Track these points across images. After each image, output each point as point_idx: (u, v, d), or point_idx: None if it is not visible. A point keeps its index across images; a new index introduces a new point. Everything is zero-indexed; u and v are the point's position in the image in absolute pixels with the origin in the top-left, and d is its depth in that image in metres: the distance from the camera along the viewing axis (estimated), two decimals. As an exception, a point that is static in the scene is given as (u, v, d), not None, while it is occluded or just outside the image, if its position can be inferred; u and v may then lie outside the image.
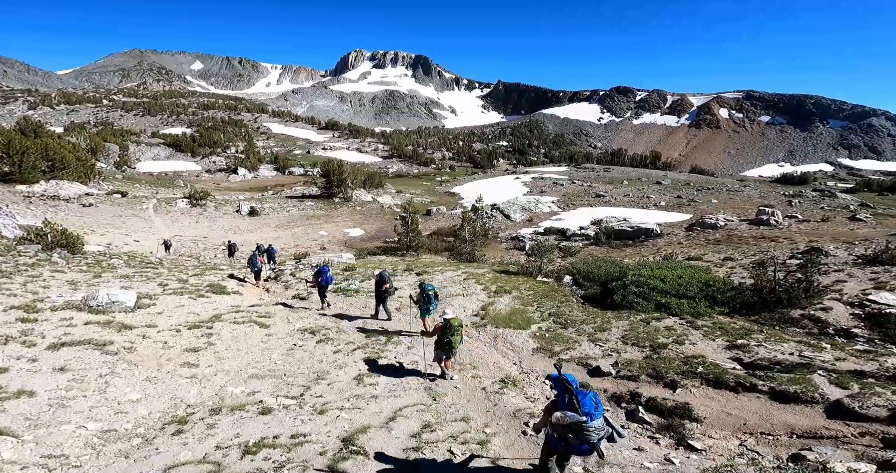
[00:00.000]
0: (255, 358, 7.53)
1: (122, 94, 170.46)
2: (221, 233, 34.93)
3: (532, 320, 10.60)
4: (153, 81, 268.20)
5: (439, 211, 44.52)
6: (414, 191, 64.98)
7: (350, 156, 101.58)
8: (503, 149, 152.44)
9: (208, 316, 9.64)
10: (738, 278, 13.61)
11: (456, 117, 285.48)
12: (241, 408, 5.55)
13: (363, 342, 8.90)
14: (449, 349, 7.20)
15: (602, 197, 46.13)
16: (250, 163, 79.79)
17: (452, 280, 14.28)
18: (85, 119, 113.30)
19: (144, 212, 38.84)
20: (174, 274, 14.51)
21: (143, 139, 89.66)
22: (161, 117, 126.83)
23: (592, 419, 3.77)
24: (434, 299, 9.38)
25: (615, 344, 9.01)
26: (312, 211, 45.30)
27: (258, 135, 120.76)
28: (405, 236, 26.19)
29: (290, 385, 6.60)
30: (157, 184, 59.40)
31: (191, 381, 6.27)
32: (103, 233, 28.93)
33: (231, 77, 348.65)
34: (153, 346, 7.27)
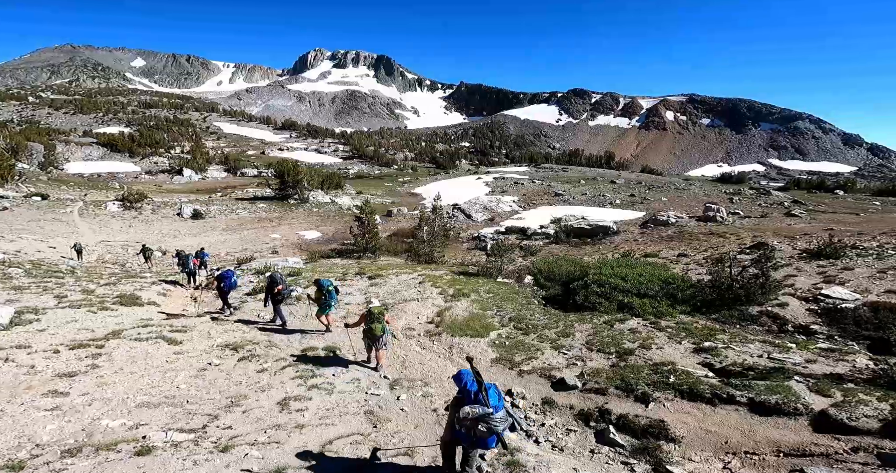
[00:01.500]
0: (151, 383, 6.18)
1: (50, 91, 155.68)
2: (158, 237, 32.01)
3: (491, 326, 9.76)
4: (87, 78, 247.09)
5: (400, 211, 43.43)
6: (375, 191, 63.35)
7: (308, 156, 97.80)
8: (466, 149, 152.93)
9: (104, 332, 8.09)
10: (694, 275, 13.49)
11: (419, 118, 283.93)
12: (112, 448, 4.26)
13: (297, 358, 7.66)
14: (371, 337, 7.36)
15: (561, 196, 46.70)
16: (197, 163, 74.69)
17: (407, 283, 13.22)
18: (7, 117, 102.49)
19: (68, 215, 35.07)
20: (80, 284, 12.57)
21: (74, 138, 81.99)
22: (95, 116, 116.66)
23: (497, 410, 3.94)
24: (334, 294, 9.15)
25: (580, 351, 8.32)
26: (265, 213, 42.79)
27: (207, 135, 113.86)
28: (361, 238, 24.83)
29: (191, 414, 5.35)
30: (87, 185, 54.31)
31: (51, 415, 4.89)
32: (13, 239, 25.62)
33: (178, 75, 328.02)
34: (13, 372, 5.80)
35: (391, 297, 11.82)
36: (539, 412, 6.46)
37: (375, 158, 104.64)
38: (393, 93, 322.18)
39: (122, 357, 6.96)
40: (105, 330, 8.20)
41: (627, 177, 66.36)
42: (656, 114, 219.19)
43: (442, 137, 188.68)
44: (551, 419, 6.22)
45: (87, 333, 7.93)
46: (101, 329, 8.28)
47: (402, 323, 9.93)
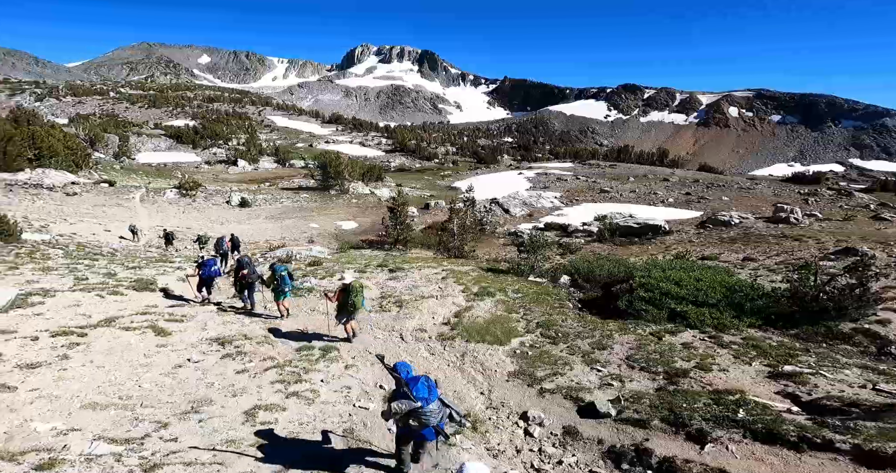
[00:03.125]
0: (113, 380, 5.55)
1: (128, 87, 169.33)
2: (207, 223, 33.18)
3: (515, 332, 8.51)
4: (160, 74, 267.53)
5: (438, 205, 42.71)
6: (415, 184, 63.08)
7: (353, 149, 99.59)
8: (508, 145, 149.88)
9: (99, 319, 7.67)
10: (766, 282, 11.43)
11: (461, 113, 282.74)
12: (15, 458, 3.58)
13: (288, 357, 6.86)
14: (353, 311, 7.51)
15: (607, 193, 43.86)
16: (251, 155, 78.05)
17: (428, 279, 12.20)
18: (91, 111, 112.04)
19: (130, 201, 37.19)
20: (109, 267, 12.62)
21: (145, 130, 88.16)
22: (166, 109, 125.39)
23: (428, 403, 3.83)
24: (288, 280, 8.92)
25: (617, 369, 6.89)
26: (306, 203, 43.59)
27: (262, 127, 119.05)
28: (393, 229, 24.21)
29: (138, 420, 4.64)
30: (153, 174, 57.91)
31: None
32: (74, 222, 27.26)
33: (237, 71, 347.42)
34: None
35: (408, 293, 10.85)
36: (557, 444, 5.19)
37: (417, 152, 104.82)
38: (436, 88, 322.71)
39: (100, 348, 6.47)
40: (101, 317, 7.81)
41: (682, 175, 61.52)
42: (718, 110, 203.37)
43: (484, 132, 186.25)
44: (571, 455, 4.94)
45: (81, 319, 7.57)
46: (99, 315, 7.91)
47: (413, 323, 8.92)
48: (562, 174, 60.22)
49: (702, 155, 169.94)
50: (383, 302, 10.15)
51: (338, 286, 7.54)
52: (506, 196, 41.22)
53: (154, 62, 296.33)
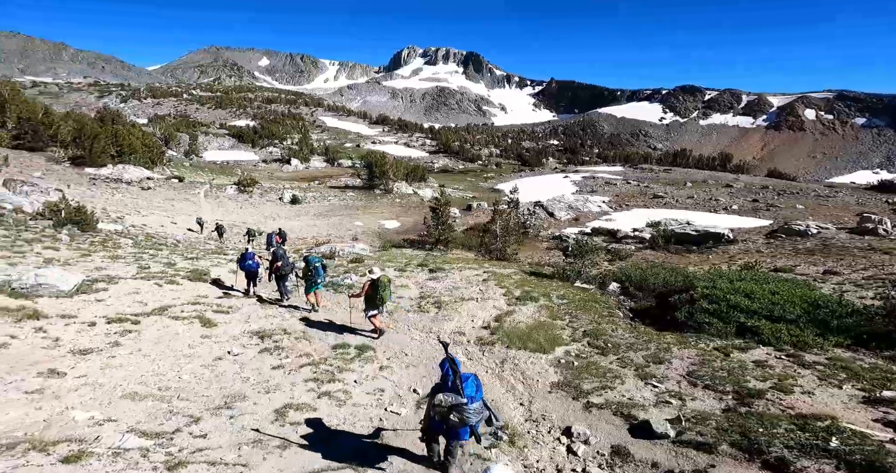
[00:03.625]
0: (156, 370, 5.65)
1: (199, 89, 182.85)
2: (260, 218, 34.82)
3: (559, 340, 7.94)
4: (226, 77, 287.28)
5: (480, 206, 42.48)
6: (457, 186, 63.11)
7: (398, 150, 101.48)
8: (554, 147, 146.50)
9: (153, 307, 7.97)
10: (854, 298, 10.03)
11: (506, 115, 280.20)
12: (46, 449, 3.63)
13: (323, 355, 6.75)
14: (381, 304, 7.60)
15: (661, 198, 41.35)
16: (303, 154, 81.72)
17: (469, 280, 11.82)
18: (167, 111, 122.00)
19: (195, 196, 39.72)
20: (170, 257, 13.32)
21: (212, 130, 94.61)
22: (230, 110, 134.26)
23: (472, 401, 3.80)
24: (321, 272, 8.97)
25: (677, 385, 6.18)
26: (352, 201, 44.72)
27: (314, 128, 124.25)
28: (434, 229, 24.10)
29: (171, 414, 4.64)
30: (217, 171, 61.64)
31: (27, 399, 4.45)
32: (146, 213, 29.31)
33: (293, 73, 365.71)
34: (34, 344, 5.61)
35: (448, 294, 10.54)
36: (605, 465, 4.64)
37: (461, 153, 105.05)
38: (481, 90, 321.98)
39: (150, 336, 6.67)
40: (156, 305, 8.11)
41: (748, 181, 56.95)
42: (791, 113, 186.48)
43: (529, 134, 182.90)
44: (621, 480, 4.41)
45: (138, 307, 7.89)
46: (154, 303, 8.23)
47: (452, 325, 8.59)
48: (611, 178, 57.79)
49: (771, 160, 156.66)
50: (422, 303, 9.91)
51: (366, 280, 7.60)
52: (550, 199, 40.03)
53: (220, 65, 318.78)
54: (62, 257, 11.03)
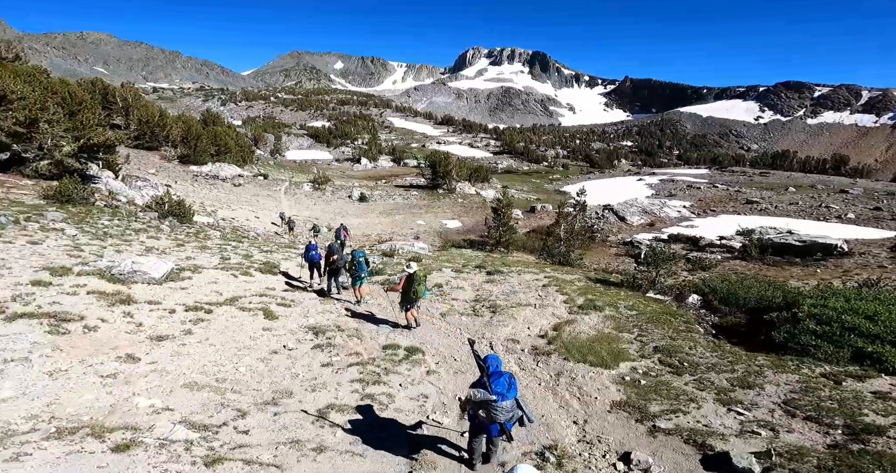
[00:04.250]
0: (217, 360, 5.89)
1: (283, 92, 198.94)
2: (331, 215, 36.63)
3: (624, 354, 7.15)
4: (306, 80, 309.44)
5: (544, 208, 41.18)
6: (521, 187, 61.75)
7: (461, 150, 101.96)
8: (627, 149, 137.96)
9: (226, 297, 8.43)
10: None
11: (574, 115, 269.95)
12: (101, 435, 3.81)
13: (372, 355, 6.68)
14: (415, 299, 7.68)
15: (756, 204, 36.82)
16: (371, 154, 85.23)
17: (528, 285, 11.23)
18: (257, 114, 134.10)
19: (277, 193, 42.80)
20: (249, 249, 14.28)
21: (293, 131, 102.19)
22: (309, 112, 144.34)
23: (503, 399, 3.83)
24: (364, 266, 9.23)
25: (769, 414, 5.26)
26: (416, 200, 45.56)
27: (382, 128, 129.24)
28: (495, 230, 23.60)
29: (222, 406, 4.75)
30: (296, 169, 66.14)
31: (100, 382, 4.78)
32: (235, 208, 32.01)
33: (365, 75, 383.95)
34: (118, 328, 6.09)
35: (504, 299, 10.08)
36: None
37: (525, 154, 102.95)
38: (547, 90, 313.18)
39: (218, 326, 6.99)
40: (229, 295, 8.56)
41: (869, 187, 48.77)
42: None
43: (599, 135, 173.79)
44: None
45: (214, 296, 8.37)
46: (228, 293, 8.68)
47: (506, 331, 8.13)
48: (694, 181, 52.85)
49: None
50: (476, 306, 9.56)
51: (402, 275, 7.70)
52: (622, 202, 37.52)
53: (301, 69, 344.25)
54: (161, 246, 12.05)
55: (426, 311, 9.18)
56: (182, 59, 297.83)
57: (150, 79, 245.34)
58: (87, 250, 9.62)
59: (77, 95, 21.66)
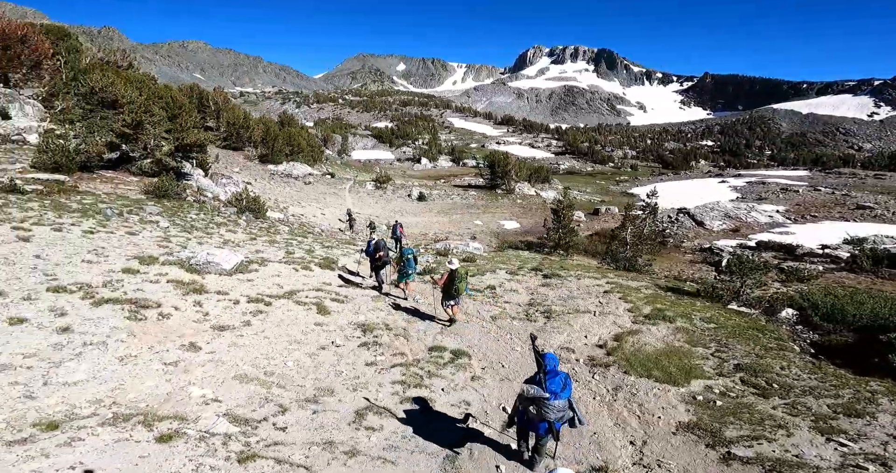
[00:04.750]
0: (269, 352, 6.01)
1: (350, 94, 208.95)
2: (391, 213, 37.50)
3: (697, 371, 6.29)
4: (371, 82, 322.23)
5: (609, 211, 38.99)
6: (584, 188, 59.19)
7: (522, 150, 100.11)
8: (707, 149, 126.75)
9: (286, 290, 8.72)
10: None
11: (645, 114, 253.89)
12: (150, 424, 3.94)
13: (417, 356, 6.49)
14: (457, 295, 7.74)
15: (869, 209, 31.80)
16: (431, 154, 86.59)
17: (588, 291, 10.45)
18: (326, 115, 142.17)
19: (342, 191, 44.70)
20: (313, 244, 14.83)
21: (358, 131, 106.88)
22: (373, 113, 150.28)
23: (556, 397, 3.81)
24: (413, 263, 9.36)
25: (880, 447, 4.38)
26: (474, 200, 45.33)
27: (442, 128, 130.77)
28: (554, 232, 22.59)
29: (266, 401, 4.79)
30: (360, 169, 68.85)
31: (163, 370, 5.02)
32: (304, 205, 33.78)
33: (425, 76, 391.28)
34: (187, 317, 6.45)
35: (560, 304, 9.43)
36: None
37: (589, 155, 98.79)
38: (614, 88, 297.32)
39: (275, 319, 7.18)
40: (288, 289, 8.84)
41: None
42: None
43: (674, 135, 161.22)
44: None
45: (275, 288, 8.68)
46: (288, 286, 8.98)
47: (560, 339, 7.55)
48: (790, 184, 47.09)
49: None
50: (530, 311, 9.04)
51: (444, 271, 7.76)
52: (700, 206, 34.37)
53: (366, 72, 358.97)
54: (236, 239, 12.77)
55: (476, 314, 8.85)
56: (263, 64, 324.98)
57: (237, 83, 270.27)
58: (174, 241, 10.36)
59: (177, 100, 24.06)
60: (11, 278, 6.38)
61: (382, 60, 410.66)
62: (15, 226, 8.38)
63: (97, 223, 9.96)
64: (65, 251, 7.91)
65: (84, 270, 7.25)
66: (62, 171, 13.43)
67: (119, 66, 28.81)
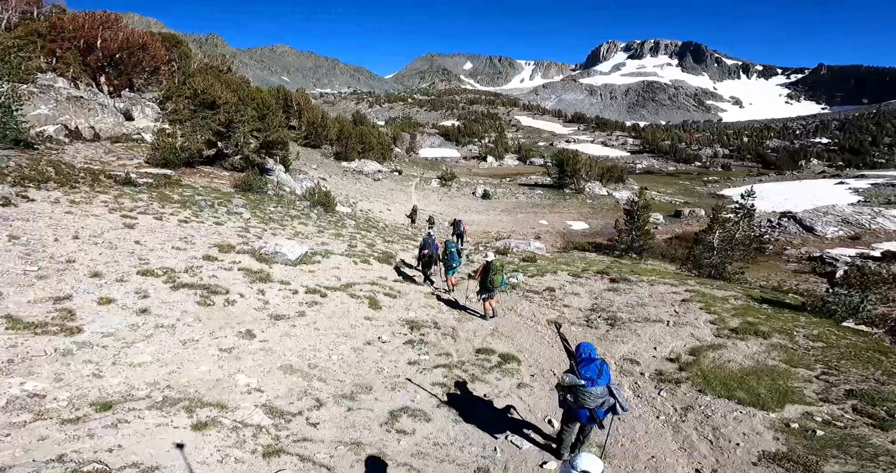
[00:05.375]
0: (316, 344, 6.03)
1: (418, 94, 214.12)
2: (455, 210, 37.55)
3: (796, 395, 5.26)
4: (438, 81, 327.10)
5: (694, 213, 35.64)
6: (664, 189, 54.68)
7: (594, 149, 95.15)
8: (821, 147, 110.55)
9: (343, 282, 8.87)
10: None
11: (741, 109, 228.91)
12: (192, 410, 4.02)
13: (462, 358, 6.15)
14: (491, 288, 7.67)
15: None
16: (497, 152, 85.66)
17: (661, 298, 9.35)
18: (396, 114, 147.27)
19: (408, 188, 45.72)
20: (375, 239, 15.07)
21: (426, 130, 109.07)
22: (440, 112, 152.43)
23: (593, 384, 3.83)
24: (455, 256, 9.34)
25: None
26: (539, 199, 44.00)
27: (509, 127, 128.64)
28: (627, 234, 20.93)
29: (305, 394, 4.76)
30: (426, 166, 70.05)
31: (218, 355, 5.17)
32: (371, 201, 34.97)
33: (492, 74, 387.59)
34: (248, 304, 6.70)
35: (627, 311, 8.52)
36: None
37: (671, 153, 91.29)
38: (703, 83, 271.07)
39: (328, 311, 7.25)
40: (345, 281, 8.98)
41: None
42: None
43: (777, 132, 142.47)
44: None
45: (333, 280, 8.87)
46: (345, 279, 9.14)
47: (624, 349, 6.76)
48: (928, 182, 39.27)
49: None
50: (591, 316, 8.27)
51: (481, 263, 7.64)
52: (810, 210, 30.02)
53: (434, 71, 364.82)
54: (306, 232, 13.32)
55: (532, 316, 8.30)
56: (340, 65, 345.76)
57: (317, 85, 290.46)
58: (252, 232, 11.01)
59: (266, 101, 26.27)
60: (111, 261, 7.13)
61: (450, 59, 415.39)
62: (124, 214, 9.37)
63: (192, 213, 10.86)
64: (160, 238, 8.70)
65: (172, 256, 7.90)
66: (169, 167, 14.95)
67: (220, 70, 32.03)
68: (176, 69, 26.99)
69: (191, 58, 31.13)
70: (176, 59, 27.88)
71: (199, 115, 18.45)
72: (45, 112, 16.51)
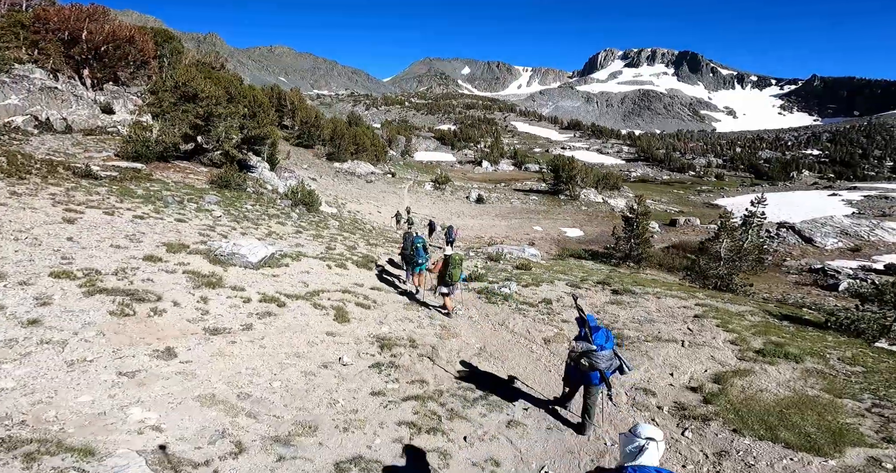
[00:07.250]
0: (258, 367, 4.89)
1: (415, 97, 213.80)
2: (447, 214, 36.56)
3: (852, 434, 4.21)
4: (436, 85, 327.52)
5: (689, 222, 35.25)
6: (659, 197, 54.42)
7: (589, 156, 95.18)
8: (812, 158, 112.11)
9: (310, 289, 7.76)
10: None
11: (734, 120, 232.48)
12: (35, 458, 2.81)
13: (441, 386, 5.03)
14: (451, 282, 7.48)
15: None
16: (493, 157, 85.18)
17: (670, 312, 8.32)
18: (393, 117, 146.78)
19: (400, 190, 44.67)
20: (358, 241, 14.10)
21: (422, 133, 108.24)
22: (437, 115, 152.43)
23: (602, 349, 4.21)
24: (422, 252, 8.80)
25: None
26: (534, 205, 43.32)
27: (505, 132, 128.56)
28: (625, 242, 20.07)
29: (221, 436, 3.62)
30: (421, 169, 69.07)
31: (113, 381, 4.01)
32: (362, 202, 33.87)
33: (490, 80, 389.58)
34: (188, 315, 5.58)
35: (635, 328, 7.47)
36: None
37: (666, 162, 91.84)
38: (698, 92, 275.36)
39: (283, 323, 6.17)
40: (312, 288, 7.90)
41: None
42: None
43: (770, 143, 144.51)
44: None
45: (299, 287, 7.81)
46: (313, 285, 8.06)
47: (635, 376, 5.66)
48: (924, 194, 39.27)
49: None
50: (594, 334, 7.21)
51: (439, 258, 7.44)
52: (808, 220, 29.61)
53: (432, 75, 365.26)
54: (282, 232, 12.14)
55: (526, 334, 7.19)
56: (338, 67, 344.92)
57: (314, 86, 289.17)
58: (218, 230, 9.90)
59: (258, 99, 25.28)
60: (25, 260, 5.94)
61: (448, 64, 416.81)
62: (69, 208, 8.27)
63: (154, 209, 9.80)
64: (101, 235, 7.56)
65: (107, 255, 6.75)
66: (141, 160, 14.05)
67: (213, 67, 30.91)
68: (166, 65, 25.93)
69: (182, 54, 30.03)
70: (167, 55, 26.82)
71: (180, 108, 17.40)
72: (14, 102, 15.70)
